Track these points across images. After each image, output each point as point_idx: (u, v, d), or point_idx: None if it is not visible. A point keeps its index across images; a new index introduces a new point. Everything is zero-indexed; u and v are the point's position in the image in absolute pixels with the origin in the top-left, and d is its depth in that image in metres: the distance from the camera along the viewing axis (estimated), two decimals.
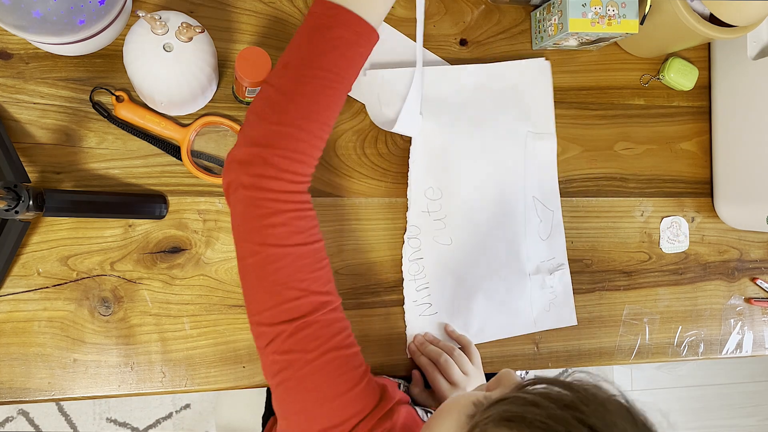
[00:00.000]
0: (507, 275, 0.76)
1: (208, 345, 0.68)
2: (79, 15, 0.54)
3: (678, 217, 0.84)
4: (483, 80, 0.76)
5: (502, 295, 0.76)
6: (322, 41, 0.52)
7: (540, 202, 0.78)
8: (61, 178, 0.65)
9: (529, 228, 0.77)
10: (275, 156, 0.50)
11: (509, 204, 0.76)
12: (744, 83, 0.79)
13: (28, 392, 0.64)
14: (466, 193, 0.74)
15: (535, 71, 0.78)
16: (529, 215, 0.77)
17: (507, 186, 0.76)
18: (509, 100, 0.77)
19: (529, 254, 0.77)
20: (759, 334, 0.88)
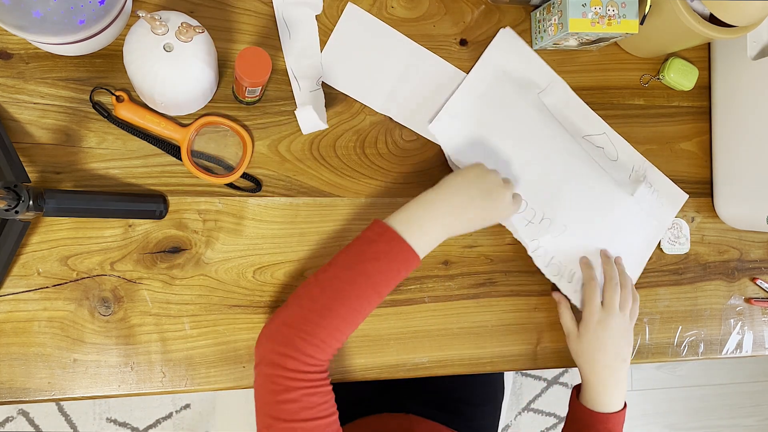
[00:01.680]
0: (620, 206, 0.78)
1: (208, 345, 0.68)
2: (79, 15, 0.54)
3: (678, 219, 0.84)
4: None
5: (631, 223, 0.79)
6: (370, 255, 0.60)
7: (589, 138, 0.79)
8: (61, 178, 0.65)
9: (603, 162, 0.78)
10: (297, 337, 0.56)
11: (574, 158, 0.77)
12: (744, 83, 0.79)
13: (28, 392, 0.64)
14: (538, 180, 0.75)
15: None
16: (593, 153, 0.78)
17: (558, 146, 0.77)
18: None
19: (618, 179, 0.79)
20: (759, 334, 0.88)
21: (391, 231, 0.60)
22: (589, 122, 0.79)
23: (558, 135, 0.77)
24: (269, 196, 0.71)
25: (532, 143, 0.75)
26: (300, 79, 0.70)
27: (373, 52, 0.73)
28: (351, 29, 0.72)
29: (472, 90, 0.75)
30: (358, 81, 0.73)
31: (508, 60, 0.77)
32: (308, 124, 0.69)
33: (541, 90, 0.77)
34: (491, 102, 0.75)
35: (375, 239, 0.61)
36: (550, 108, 0.77)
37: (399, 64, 0.74)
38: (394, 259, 0.60)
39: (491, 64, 0.76)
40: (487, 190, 0.64)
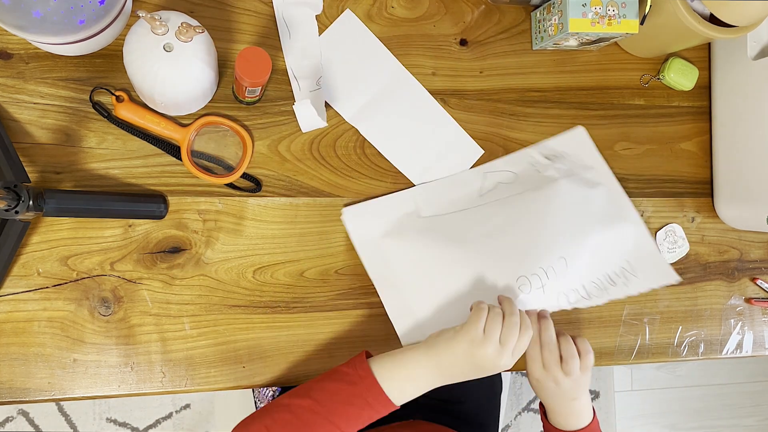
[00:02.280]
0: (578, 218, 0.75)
1: (208, 345, 0.68)
2: (79, 15, 0.54)
3: (670, 225, 0.84)
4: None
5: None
6: (346, 397, 0.61)
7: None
8: (61, 178, 0.65)
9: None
10: None
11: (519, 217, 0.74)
12: (744, 83, 0.79)
13: (28, 392, 0.64)
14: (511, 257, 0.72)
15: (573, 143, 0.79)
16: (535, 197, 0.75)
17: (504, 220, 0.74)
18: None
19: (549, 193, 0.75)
20: (759, 334, 0.88)
21: (372, 379, 0.60)
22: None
23: (498, 211, 0.74)
24: (269, 196, 0.71)
25: (477, 237, 0.73)
26: (300, 79, 0.70)
27: (358, 63, 0.73)
28: (342, 35, 0.72)
29: (402, 206, 0.73)
30: (335, 87, 0.72)
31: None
32: (307, 121, 0.69)
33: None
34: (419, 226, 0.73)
35: (356, 382, 0.61)
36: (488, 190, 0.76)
37: (380, 82, 0.73)
38: (369, 407, 0.60)
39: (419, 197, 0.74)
40: (480, 366, 0.62)
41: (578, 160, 0.78)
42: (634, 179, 0.83)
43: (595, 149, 0.79)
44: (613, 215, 0.77)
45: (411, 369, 0.62)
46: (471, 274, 0.71)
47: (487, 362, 0.62)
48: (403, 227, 0.72)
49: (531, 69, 0.79)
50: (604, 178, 0.79)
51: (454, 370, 0.63)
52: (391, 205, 0.73)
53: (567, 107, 0.80)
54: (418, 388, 0.62)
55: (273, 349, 0.70)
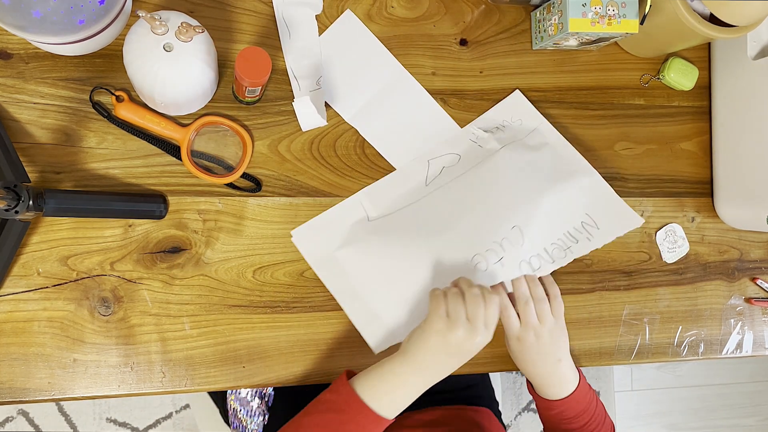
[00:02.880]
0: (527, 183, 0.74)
1: (208, 345, 0.68)
2: (78, 15, 0.54)
3: (670, 224, 0.84)
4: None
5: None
6: (336, 424, 0.59)
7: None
8: (61, 178, 0.65)
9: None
10: None
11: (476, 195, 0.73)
12: (744, 83, 0.79)
13: (28, 392, 0.64)
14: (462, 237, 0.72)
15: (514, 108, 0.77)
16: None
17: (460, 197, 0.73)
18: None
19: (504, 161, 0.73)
20: (759, 334, 0.88)
21: (359, 402, 0.59)
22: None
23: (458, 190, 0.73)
24: (269, 196, 0.71)
25: (436, 225, 0.72)
26: (300, 79, 0.70)
27: (357, 63, 0.73)
28: (342, 35, 0.72)
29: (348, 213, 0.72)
30: (335, 87, 0.72)
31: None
32: (306, 119, 0.69)
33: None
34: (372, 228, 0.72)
35: (344, 409, 0.60)
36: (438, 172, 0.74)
37: (379, 82, 0.73)
38: (363, 429, 0.59)
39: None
40: (458, 351, 0.61)
41: (519, 126, 0.77)
42: (634, 179, 0.83)
43: (534, 109, 0.77)
44: (563, 172, 0.75)
45: (394, 379, 0.61)
46: (429, 266, 0.70)
47: (463, 345, 0.60)
48: (355, 236, 0.71)
49: (531, 69, 0.79)
50: (549, 137, 0.77)
51: (436, 366, 0.61)
52: (338, 216, 0.71)
53: (567, 107, 0.80)
54: (408, 395, 0.61)
55: (273, 349, 0.70)
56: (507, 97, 0.77)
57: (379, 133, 0.73)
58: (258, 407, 0.89)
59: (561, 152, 0.77)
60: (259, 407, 0.89)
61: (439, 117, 0.75)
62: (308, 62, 0.71)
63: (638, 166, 0.83)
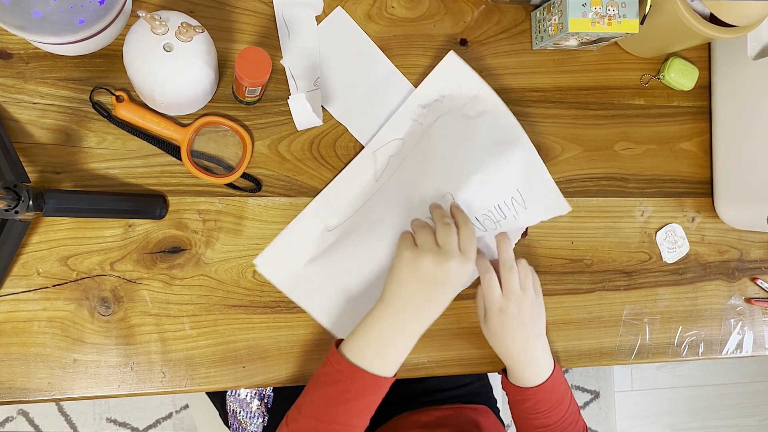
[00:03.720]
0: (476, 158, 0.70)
1: (207, 345, 0.68)
2: (79, 15, 0.54)
3: (670, 224, 0.84)
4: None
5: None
6: (335, 396, 0.57)
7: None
8: (61, 178, 0.65)
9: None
10: None
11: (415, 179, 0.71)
12: (744, 83, 0.79)
13: (28, 392, 0.64)
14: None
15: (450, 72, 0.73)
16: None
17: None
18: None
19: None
20: (759, 334, 0.88)
21: (352, 367, 0.57)
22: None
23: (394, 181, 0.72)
24: (269, 196, 0.71)
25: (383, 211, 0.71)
26: (298, 79, 0.70)
27: (348, 61, 0.73)
28: (333, 32, 0.72)
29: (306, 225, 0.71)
30: (324, 84, 0.72)
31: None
32: (301, 117, 0.69)
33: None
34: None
35: (338, 379, 0.58)
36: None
37: (369, 81, 0.73)
38: (363, 395, 0.57)
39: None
40: (430, 279, 0.57)
41: (458, 94, 0.73)
42: (634, 179, 0.83)
43: (473, 73, 0.73)
44: (500, 143, 0.71)
45: (380, 333, 0.58)
46: (383, 255, 0.69)
47: (436, 271, 0.57)
48: (318, 249, 0.70)
49: (531, 69, 0.79)
50: (489, 104, 0.73)
51: (415, 303, 0.58)
52: (298, 233, 0.70)
53: (567, 107, 0.80)
54: (398, 346, 0.59)
55: (273, 349, 0.70)
56: (442, 59, 0.73)
57: (369, 130, 0.73)
58: (258, 408, 0.89)
59: (501, 121, 0.72)
60: (258, 408, 0.88)
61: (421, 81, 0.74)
62: (306, 63, 0.71)
63: (638, 166, 0.83)
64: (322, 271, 0.70)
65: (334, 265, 0.70)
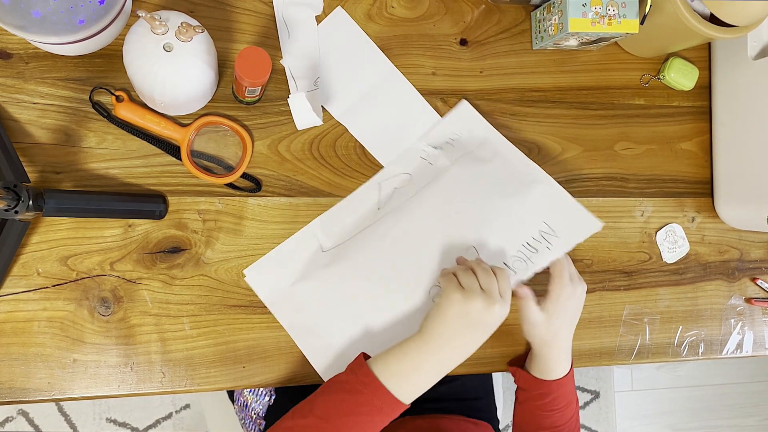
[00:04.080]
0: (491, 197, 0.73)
1: (207, 345, 0.68)
2: (78, 15, 0.54)
3: (670, 224, 0.84)
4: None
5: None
6: (352, 408, 0.57)
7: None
8: (61, 178, 0.65)
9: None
10: None
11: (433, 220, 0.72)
12: (744, 83, 0.79)
13: (28, 392, 0.64)
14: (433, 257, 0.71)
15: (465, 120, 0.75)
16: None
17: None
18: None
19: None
20: (759, 334, 0.88)
21: (377, 382, 0.57)
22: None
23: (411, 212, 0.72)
24: (269, 196, 0.71)
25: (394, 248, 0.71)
26: (298, 79, 0.70)
27: (348, 60, 0.73)
28: (332, 32, 0.72)
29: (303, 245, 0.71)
30: (324, 84, 0.72)
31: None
32: (301, 116, 0.69)
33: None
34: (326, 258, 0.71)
35: (360, 390, 0.57)
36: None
37: (369, 80, 0.73)
38: (378, 412, 0.57)
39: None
40: (476, 322, 0.59)
41: (469, 137, 0.75)
42: (634, 179, 0.83)
43: (482, 119, 0.75)
44: (516, 182, 0.74)
45: (413, 361, 0.59)
46: (386, 295, 0.70)
47: (482, 315, 0.59)
48: (310, 268, 0.70)
49: (531, 69, 0.79)
50: (500, 147, 0.75)
51: (456, 341, 0.59)
52: (293, 249, 0.70)
53: (567, 107, 0.80)
54: (426, 378, 0.59)
55: (273, 349, 0.70)
56: (455, 107, 0.75)
57: (368, 130, 0.73)
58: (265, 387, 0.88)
59: (513, 161, 0.75)
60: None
61: (427, 115, 0.75)
62: (306, 63, 0.71)
63: (638, 166, 0.83)
64: (307, 294, 0.70)
65: (320, 293, 0.70)
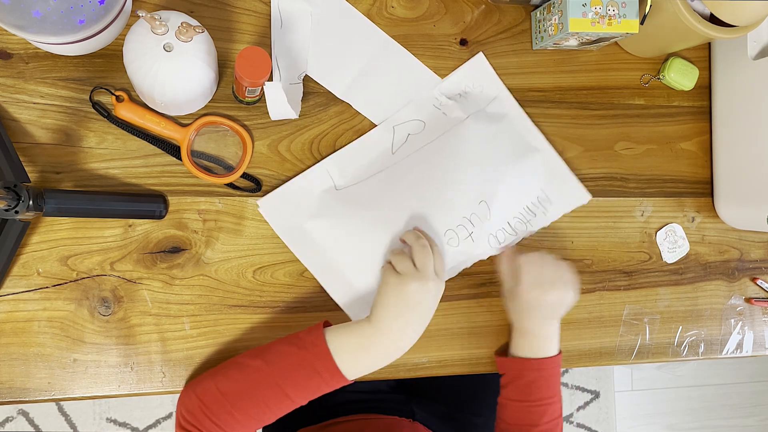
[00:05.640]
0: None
1: (208, 345, 0.68)
2: (78, 15, 0.54)
3: (670, 224, 0.84)
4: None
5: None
6: (296, 359, 0.60)
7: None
8: (61, 178, 0.65)
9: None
10: (204, 415, 0.60)
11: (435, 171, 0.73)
12: (744, 83, 0.79)
13: (28, 392, 0.64)
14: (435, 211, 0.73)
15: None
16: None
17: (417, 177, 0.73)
18: None
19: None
20: (759, 334, 0.88)
21: (324, 347, 0.60)
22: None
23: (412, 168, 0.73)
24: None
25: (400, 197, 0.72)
26: (283, 70, 0.70)
27: (342, 39, 0.72)
28: (325, 15, 0.72)
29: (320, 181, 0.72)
30: (322, 64, 0.72)
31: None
32: (276, 106, 0.67)
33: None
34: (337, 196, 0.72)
35: (308, 348, 0.61)
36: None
37: (366, 54, 0.73)
38: (318, 375, 0.60)
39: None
40: (413, 302, 0.62)
41: (480, 93, 0.76)
42: (634, 179, 0.83)
43: (495, 76, 0.77)
44: (521, 146, 0.77)
45: (361, 340, 0.61)
46: (396, 240, 0.71)
47: (418, 294, 0.62)
48: (323, 206, 0.71)
49: (531, 69, 0.79)
50: (508, 108, 0.77)
51: (397, 323, 0.62)
52: (305, 185, 0.71)
53: (567, 107, 0.80)
54: (374, 359, 0.61)
55: None
56: (470, 59, 0.76)
57: (373, 104, 0.73)
58: None
59: (518, 125, 0.77)
60: None
61: (428, 79, 0.75)
62: (294, 55, 0.71)
63: (638, 166, 0.83)
64: (322, 231, 0.71)
65: (335, 231, 0.71)
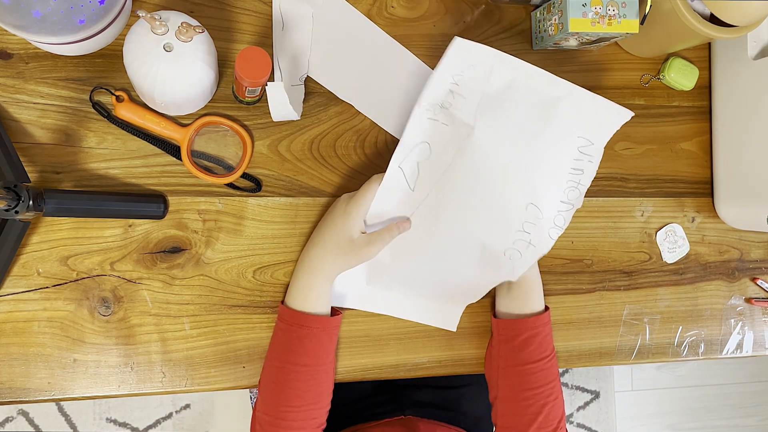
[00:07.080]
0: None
1: (208, 345, 0.68)
2: (79, 15, 0.54)
3: (670, 224, 0.84)
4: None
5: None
6: (283, 340, 0.66)
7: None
8: (61, 178, 0.65)
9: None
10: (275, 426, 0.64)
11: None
12: (744, 83, 0.79)
13: (28, 392, 0.64)
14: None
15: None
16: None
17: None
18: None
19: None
20: (759, 334, 0.88)
21: (288, 311, 0.66)
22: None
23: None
24: (269, 196, 0.71)
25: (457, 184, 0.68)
26: (284, 72, 0.70)
27: (343, 39, 0.72)
28: (327, 14, 0.72)
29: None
30: (322, 63, 0.72)
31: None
32: (278, 107, 0.67)
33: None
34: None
35: (282, 327, 0.66)
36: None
37: (366, 54, 0.73)
38: (308, 332, 0.64)
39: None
40: (327, 216, 0.68)
41: (474, 75, 0.66)
42: (634, 179, 0.83)
43: (480, 46, 0.65)
44: (542, 107, 0.67)
45: (303, 271, 0.67)
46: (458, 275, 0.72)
47: (332, 208, 0.68)
48: (373, 272, 0.73)
49: None
50: (511, 68, 0.66)
51: (315, 238, 0.68)
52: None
53: None
54: (323, 289, 0.66)
55: None
56: (447, 48, 0.65)
57: (372, 104, 0.73)
58: None
59: (530, 82, 0.67)
60: None
61: (427, 78, 0.73)
62: (296, 57, 0.71)
63: (638, 166, 0.83)
64: (384, 286, 0.73)
65: (392, 277, 0.73)
